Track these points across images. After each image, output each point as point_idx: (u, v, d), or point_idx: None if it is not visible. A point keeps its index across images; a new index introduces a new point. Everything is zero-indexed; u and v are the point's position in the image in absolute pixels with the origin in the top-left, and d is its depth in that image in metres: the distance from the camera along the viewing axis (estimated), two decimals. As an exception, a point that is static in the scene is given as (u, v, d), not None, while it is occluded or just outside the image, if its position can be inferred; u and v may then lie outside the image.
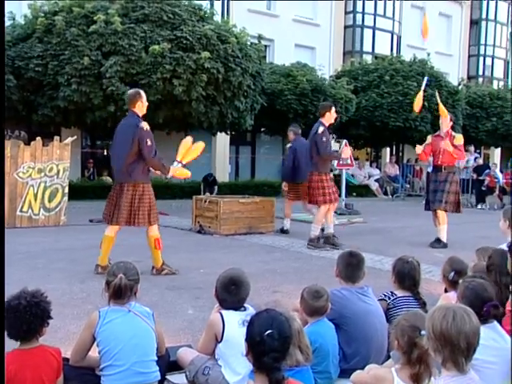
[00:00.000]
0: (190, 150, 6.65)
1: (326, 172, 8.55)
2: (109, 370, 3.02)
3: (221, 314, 3.23)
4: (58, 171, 10.24)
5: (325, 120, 8.48)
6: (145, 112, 6.40)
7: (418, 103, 9.73)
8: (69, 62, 12.96)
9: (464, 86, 24.27)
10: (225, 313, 3.24)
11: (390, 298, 3.82)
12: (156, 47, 12.91)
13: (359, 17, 26.43)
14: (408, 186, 21.44)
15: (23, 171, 9.87)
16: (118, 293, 3.11)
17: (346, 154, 9.40)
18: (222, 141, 20.94)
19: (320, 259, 7.67)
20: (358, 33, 26.48)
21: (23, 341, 2.79)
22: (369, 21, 26.48)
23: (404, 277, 3.84)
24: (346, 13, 26.42)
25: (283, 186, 10.26)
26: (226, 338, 3.17)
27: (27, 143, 10.22)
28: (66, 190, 10.42)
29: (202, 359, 3.29)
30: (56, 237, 8.98)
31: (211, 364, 3.24)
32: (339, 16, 26.05)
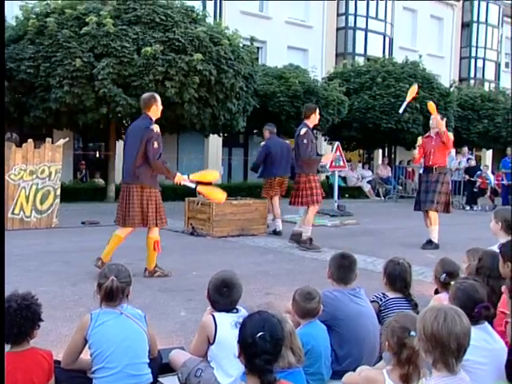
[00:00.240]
0: (204, 173, 6.76)
1: (312, 173, 8.57)
2: (101, 373, 3.01)
3: (213, 316, 3.23)
4: (50, 173, 10.20)
5: (309, 122, 8.52)
6: (159, 116, 6.43)
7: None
8: (61, 63, 12.93)
9: (456, 88, 24.39)
10: (217, 315, 3.23)
11: (381, 300, 3.82)
12: (148, 49, 12.90)
13: (351, 19, 26.52)
14: (400, 187, 21.51)
15: (15, 173, 9.83)
16: (110, 295, 3.10)
17: (326, 160, 9.25)
18: (215, 143, 20.95)
19: (313, 261, 7.67)
20: (350, 35, 26.55)
21: (14, 344, 2.78)
22: (361, 23, 26.58)
23: (395, 278, 3.84)
24: (338, 15, 26.50)
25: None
26: (219, 340, 3.17)
27: (19, 145, 10.18)
28: (58, 192, 10.38)
29: (195, 361, 3.29)
30: (48, 239, 8.95)
31: (203, 366, 3.24)
32: (331, 18, 26.13)
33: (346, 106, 19.02)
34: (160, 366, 3.39)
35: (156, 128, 6.21)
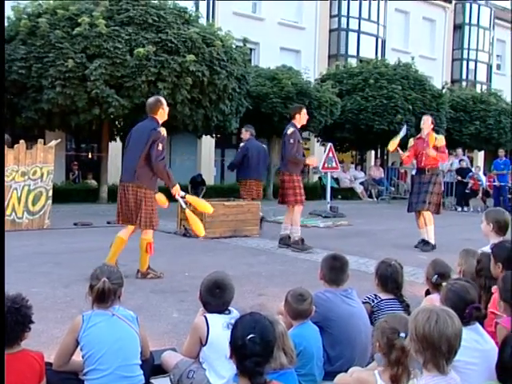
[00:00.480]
0: (200, 201, 6.83)
1: (296, 173, 8.59)
2: (92, 374, 3.00)
3: (205, 318, 3.23)
4: (42, 174, 10.16)
5: (296, 121, 8.60)
6: (166, 118, 6.44)
7: (393, 145, 9.65)
8: (53, 64, 12.89)
9: (448, 89, 24.49)
10: (209, 316, 3.23)
11: (373, 301, 3.83)
12: (141, 50, 12.89)
13: (344, 20, 26.62)
14: (393, 188, 21.58)
15: (6, 174, 9.78)
16: (102, 297, 3.09)
17: (310, 162, 9.23)
18: (208, 144, 20.94)
19: (305, 262, 7.68)
20: (342, 36, 26.64)
21: (5, 346, 2.76)
22: (353, 24, 26.68)
23: (387, 280, 3.85)
24: (331, 16, 26.58)
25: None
26: (211, 342, 3.17)
27: (11, 146, 10.13)
28: (50, 194, 10.34)
29: (187, 363, 3.28)
30: (40, 240, 8.91)
31: (195, 367, 3.23)
32: (324, 19, 26.20)
33: (339, 107, 19.06)
34: (152, 367, 3.38)
35: (163, 131, 6.22)
